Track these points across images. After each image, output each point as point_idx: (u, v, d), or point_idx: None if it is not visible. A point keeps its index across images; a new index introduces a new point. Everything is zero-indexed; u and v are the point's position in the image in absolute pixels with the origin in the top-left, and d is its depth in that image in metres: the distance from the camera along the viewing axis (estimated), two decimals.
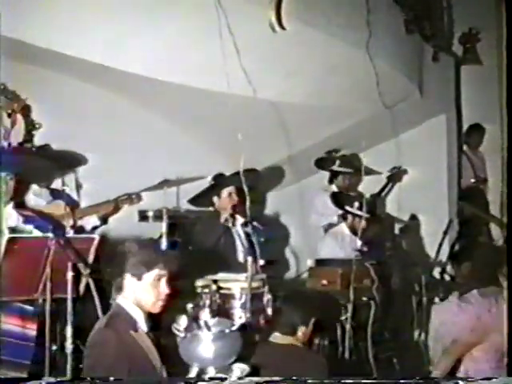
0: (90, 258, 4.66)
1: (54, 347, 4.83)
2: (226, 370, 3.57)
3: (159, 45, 5.76)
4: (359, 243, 6.91)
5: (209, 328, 3.59)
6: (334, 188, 7.68)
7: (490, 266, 5.09)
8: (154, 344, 3.80)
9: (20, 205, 5.52)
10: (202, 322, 3.62)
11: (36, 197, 6.05)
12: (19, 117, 6.36)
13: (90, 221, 6.15)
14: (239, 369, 3.60)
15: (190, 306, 3.77)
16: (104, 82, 6.44)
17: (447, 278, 7.30)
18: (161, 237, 6.31)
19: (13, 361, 4.78)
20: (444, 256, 7.34)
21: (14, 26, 5.12)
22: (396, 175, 7.98)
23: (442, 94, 8.36)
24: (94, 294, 4.18)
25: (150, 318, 3.89)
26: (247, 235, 6.17)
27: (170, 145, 7.06)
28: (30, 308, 4.85)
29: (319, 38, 6.11)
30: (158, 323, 3.97)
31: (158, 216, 6.47)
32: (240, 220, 6.31)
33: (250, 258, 5.44)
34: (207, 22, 5.48)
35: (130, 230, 6.54)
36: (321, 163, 7.77)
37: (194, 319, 3.66)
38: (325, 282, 6.19)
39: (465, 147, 9.02)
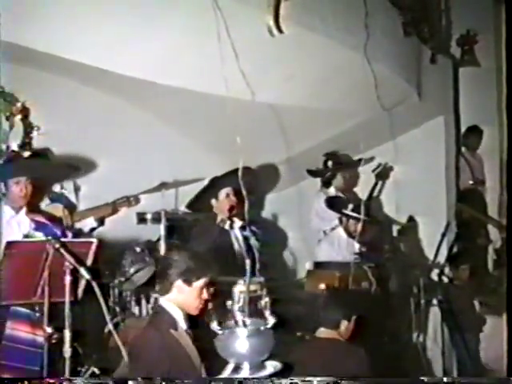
0: (89, 262, 4.66)
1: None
2: (259, 367, 3.80)
3: (158, 48, 5.75)
4: (357, 246, 6.92)
5: (245, 325, 3.81)
6: (332, 190, 7.68)
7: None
8: (193, 342, 4.06)
9: (33, 210, 5.54)
10: (239, 319, 3.85)
11: None
12: (18, 119, 6.36)
13: (87, 222, 6.17)
14: (271, 366, 3.84)
15: (229, 303, 4.00)
16: (103, 85, 6.45)
17: (445, 280, 7.32)
18: (159, 239, 6.33)
19: (23, 367, 4.80)
20: (442, 258, 7.34)
21: (12, 29, 5.12)
22: (383, 172, 7.97)
23: (440, 96, 8.36)
24: (100, 298, 4.23)
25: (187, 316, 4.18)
26: (245, 239, 6.17)
27: (169, 148, 7.06)
28: (36, 314, 4.88)
29: (317, 41, 6.11)
30: (195, 321, 4.22)
31: (156, 218, 6.49)
32: (238, 223, 6.30)
33: (248, 262, 5.45)
34: (205, 25, 5.46)
35: (128, 232, 6.57)
36: (313, 172, 7.80)
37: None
38: (323, 285, 6.20)
39: (463, 149, 9.01)
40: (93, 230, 6.15)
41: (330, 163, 7.68)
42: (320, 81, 6.61)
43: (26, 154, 6.04)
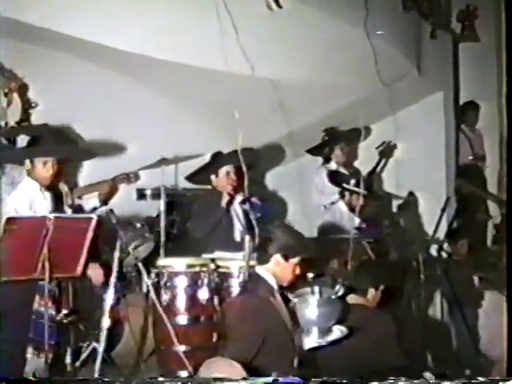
0: (89, 238, 4.68)
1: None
2: (327, 331, 4.26)
3: (157, 23, 5.74)
4: (357, 221, 6.93)
5: (315, 294, 4.24)
6: (332, 165, 7.67)
7: None
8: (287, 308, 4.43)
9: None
10: (313, 288, 4.26)
11: None
12: (16, 96, 6.34)
13: (90, 202, 6.16)
14: (339, 330, 4.28)
15: (310, 275, 4.33)
16: (102, 61, 6.42)
17: (444, 255, 7.32)
18: (159, 215, 6.33)
19: (42, 341, 4.86)
20: (442, 233, 7.35)
21: (11, 5, 5.10)
22: (387, 150, 7.97)
23: (439, 72, 8.34)
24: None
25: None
26: (245, 213, 6.15)
27: (169, 123, 7.04)
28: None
29: (316, 17, 6.10)
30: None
31: (155, 194, 6.49)
32: (238, 198, 6.28)
33: (247, 237, 5.46)
34: (204, 1, 5.46)
35: (127, 208, 6.57)
36: (312, 151, 7.80)
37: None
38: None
39: (462, 125, 9.00)
40: (95, 209, 6.13)
41: (326, 138, 7.68)
42: (319, 56, 6.60)
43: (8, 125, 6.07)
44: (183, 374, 5.24)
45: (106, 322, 4.59)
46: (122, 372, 5.54)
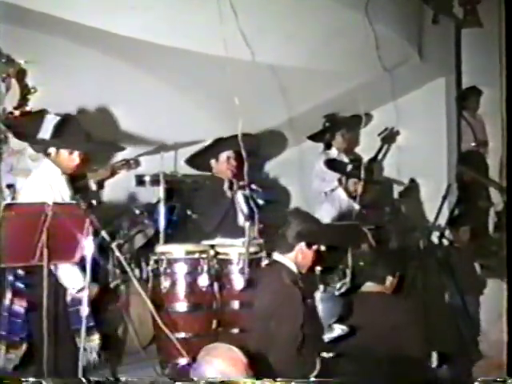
0: (87, 224, 4.65)
1: None
2: (328, 329, 4.43)
3: (156, 8, 5.69)
4: (357, 207, 6.91)
5: (319, 289, 4.48)
6: (333, 152, 7.64)
7: None
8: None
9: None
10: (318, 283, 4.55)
11: (32, 161, 5.99)
12: (14, 81, 6.28)
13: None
14: (339, 328, 4.43)
15: (318, 268, 4.61)
16: (102, 46, 6.36)
17: (446, 242, 7.31)
18: (158, 202, 6.30)
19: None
20: (443, 220, 7.32)
21: None
22: (389, 136, 7.95)
23: (441, 57, 8.30)
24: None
25: None
26: (246, 199, 6.13)
27: (169, 109, 6.99)
28: None
29: (318, 1, 6.05)
30: None
31: (155, 181, 6.46)
32: (238, 184, 6.25)
33: (247, 223, 5.43)
34: None
35: (127, 194, 6.55)
36: (313, 137, 7.76)
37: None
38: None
39: (463, 111, 8.95)
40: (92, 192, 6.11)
41: (327, 124, 7.65)
42: (321, 41, 6.56)
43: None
44: (183, 361, 5.25)
45: (85, 311, 4.56)
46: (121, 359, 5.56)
